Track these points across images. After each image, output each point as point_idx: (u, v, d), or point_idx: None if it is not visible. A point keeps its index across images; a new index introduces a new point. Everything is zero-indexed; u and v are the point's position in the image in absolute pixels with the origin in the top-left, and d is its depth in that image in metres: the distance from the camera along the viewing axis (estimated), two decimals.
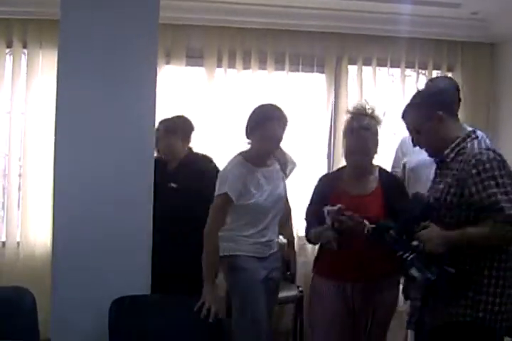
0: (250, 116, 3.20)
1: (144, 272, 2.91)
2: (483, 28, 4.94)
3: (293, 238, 3.67)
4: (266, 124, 3.08)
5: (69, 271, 2.97)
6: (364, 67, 5.11)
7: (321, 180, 3.15)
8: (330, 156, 5.10)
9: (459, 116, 2.74)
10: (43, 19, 4.50)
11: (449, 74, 5.19)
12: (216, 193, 3.08)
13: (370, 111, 2.92)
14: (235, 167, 3.14)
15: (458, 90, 3.37)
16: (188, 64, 4.88)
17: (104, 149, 3.09)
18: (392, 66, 5.16)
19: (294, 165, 3.50)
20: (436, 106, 2.47)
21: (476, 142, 2.44)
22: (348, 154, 2.92)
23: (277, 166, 3.32)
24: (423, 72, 5.22)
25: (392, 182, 2.99)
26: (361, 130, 2.84)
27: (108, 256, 2.98)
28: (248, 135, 3.19)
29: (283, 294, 3.76)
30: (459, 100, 3.30)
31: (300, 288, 4.39)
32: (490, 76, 5.10)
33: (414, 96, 2.61)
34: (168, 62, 4.81)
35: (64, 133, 3.10)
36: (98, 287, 2.94)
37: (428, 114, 2.46)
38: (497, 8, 4.46)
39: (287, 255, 3.50)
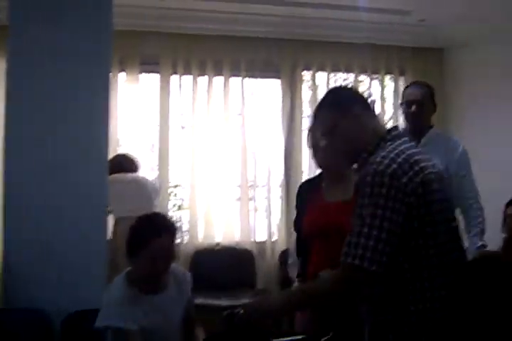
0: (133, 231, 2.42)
1: (98, 285, 2.91)
2: (432, 34, 5.07)
3: None
4: (153, 241, 2.35)
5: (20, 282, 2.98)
6: (319, 73, 5.19)
7: (300, 186, 2.84)
8: (287, 162, 5.12)
9: None
10: None
11: (401, 78, 5.33)
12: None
13: None
14: (117, 296, 2.40)
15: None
16: (142, 70, 4.88)
17: (55, 157, 3.10)
18: (346, 71, 5.26)
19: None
20: (351, 102, 2.00)
21: (387, 146, 1.88)
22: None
23: (173, 289, 2.51)
24: (375, 76, 5.32)
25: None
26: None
27: (61, 270, 3.00)
28: (130, 255, 2.40)
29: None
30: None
31: None
32: (440, 79, 5.21)
33: (324, 98, 2.11)
34: (122, 69, 4.80)
35: (14, 141, 3.09)
36: (51, 300, 2.95)
37: (342, 110, 1.97)
38: (445, 16, 4.58)
39: None
